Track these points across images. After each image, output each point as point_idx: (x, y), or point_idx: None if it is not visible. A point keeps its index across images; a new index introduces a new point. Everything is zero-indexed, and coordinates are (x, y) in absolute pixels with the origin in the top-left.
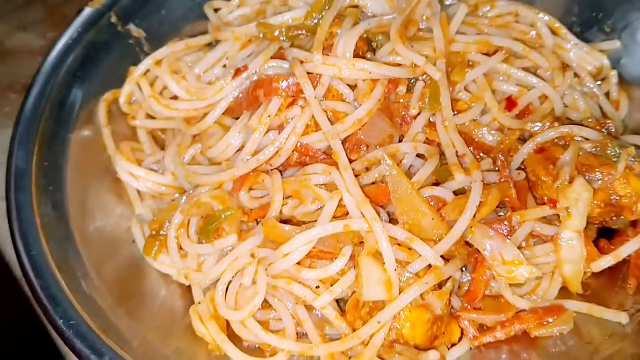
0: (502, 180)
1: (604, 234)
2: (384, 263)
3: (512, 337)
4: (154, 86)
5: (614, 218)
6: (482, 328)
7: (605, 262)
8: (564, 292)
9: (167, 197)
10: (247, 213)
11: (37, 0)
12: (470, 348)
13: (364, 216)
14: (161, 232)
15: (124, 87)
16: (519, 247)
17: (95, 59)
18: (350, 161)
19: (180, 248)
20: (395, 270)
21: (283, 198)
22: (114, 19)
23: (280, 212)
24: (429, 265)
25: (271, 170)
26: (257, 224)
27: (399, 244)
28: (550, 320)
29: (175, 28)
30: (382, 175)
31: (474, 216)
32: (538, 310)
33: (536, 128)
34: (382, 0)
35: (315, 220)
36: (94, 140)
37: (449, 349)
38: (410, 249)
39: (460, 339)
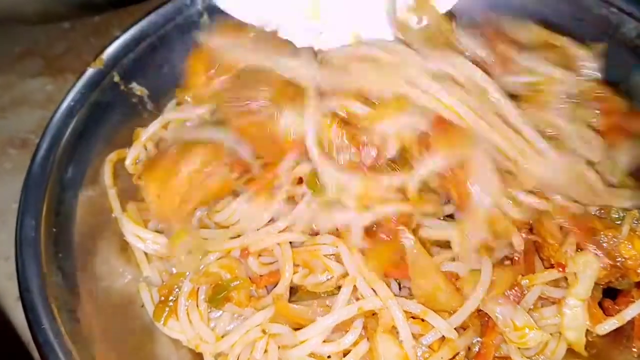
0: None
1: (608, 293)
2: (399, 338)
3: None
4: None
5: (619, 279)
6: None
7: (610, 325)
8: (571, 351)
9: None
10: (255, 281)
11: (35, 51)
12: None
13: (376, 293)
14: (170, 298)
15: (131, 150)
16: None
17: (99, 119)
18: None
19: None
20: (412, 347)
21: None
22: (116, 79)
23: (291, 281)
24: (443, 336)
25: None
26: (267, 292)
27: (412, 317)
28: None
29: (178, 84)
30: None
31: (489, 293)
32: None
33: None
34: None
35: (325, 293)
36: (100, 202)
37: None
38: (423, 320)
39: None
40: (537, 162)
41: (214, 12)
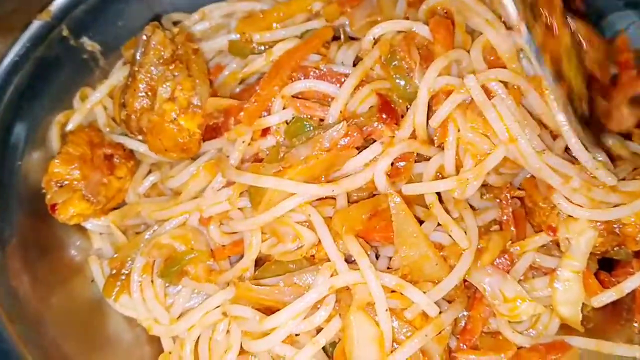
0: (504, 218)
1: (604, 266)
2: (374, 315)
3: None
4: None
5: (616, 248)
6: None
7: (607, 297)
8: (566, 325)
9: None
10: (216, 253)
11: None
12: None
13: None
14: (123, 272)
15: (74, 116)
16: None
17: (46, 76)
18: None
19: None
20: (389, 325)
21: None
22: (65, 33)
23: None
24: None
25: None
26: (230, 263)
27: (392, 291)
28: (554, 358)
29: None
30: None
31: (478, 263)
32: (540, 348)
33: None
34: None
35: (294, 261)
36: (45, 167)
37: None
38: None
39: None
40: None
41: None
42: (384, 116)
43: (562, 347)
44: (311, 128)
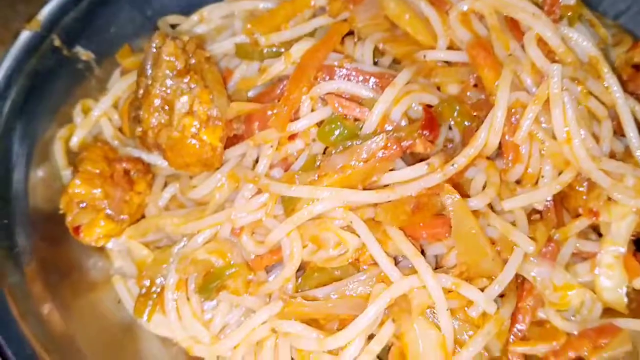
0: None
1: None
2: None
3: None
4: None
5: None
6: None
7: None
8: (609, 309)
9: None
10: (254, 265)
11: None
12: None
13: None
14: (153, 289)
15: (78, 130)
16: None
17: (41, 90)
18: None
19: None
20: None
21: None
22: (57, 43)
23: None
24: None
25: None
26: (267, 272)
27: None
28: (605, 342)
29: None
30: None
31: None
32: (589, 333)
33: None
34: None
35: (338, 269)
36: (53, 187)
37: None
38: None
39: None
40: None
41: None
42: (425, 133)
43: (612, 331)
44: (345, 131)
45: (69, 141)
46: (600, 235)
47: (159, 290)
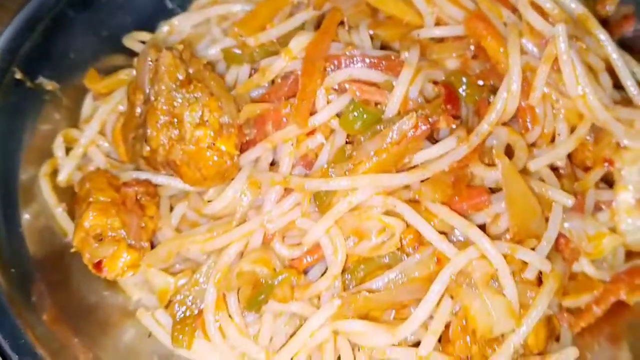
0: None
1: None
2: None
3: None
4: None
5: None
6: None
7: None
8: (631, 252)
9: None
10: (297, 269)
11: None
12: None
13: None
14: (187, 314)
15: (65, 165)
16: None
17: (10, 128)
18: None
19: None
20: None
21: None
22: (19, 75)
23: None
24: None
25: None
26: (305, 274)
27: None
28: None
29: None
30: None
31: None
32: (622, 277)
33: None
34: None
35: (386, 256)
36: (48, 227)
37: None
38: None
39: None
40: None
41: None
42: (449, 107)
43: None
44: (369, 117)
45: (53, 177)
46: (609, 184)
47: (196, 313)
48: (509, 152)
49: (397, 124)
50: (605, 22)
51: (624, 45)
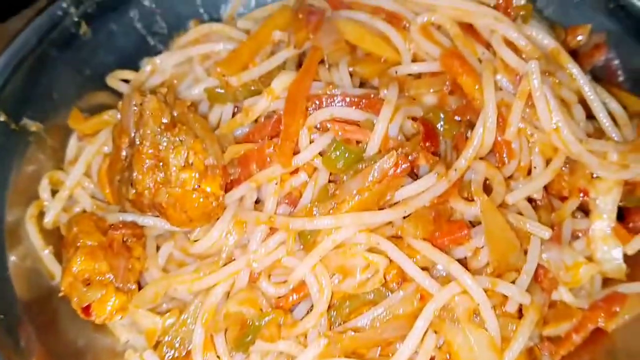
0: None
1: None
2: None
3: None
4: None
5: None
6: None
7: (638, 243)
8: (608, 279)
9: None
10: (283, 308)
11: None
12: None
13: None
14: (175, 355)
15: (51, 208)
16: None
17: None
18: None
19: None
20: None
21: None
22: (3, 117)
23: None
24: None
25: None
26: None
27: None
28: (618, 310)
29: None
30: None
31: None
32: (599, 304)
33: None
34: None
35: (371, 292)
36: (35, 271)
37: None
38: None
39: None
40: None
41: (92, 18)
42: (427, 144)
43: (619, 298)
44: (351, 156)
45: (40, 219)
46: (585, 212)
47: (184, 354)
48: (487, 185)
49: (378, 162)
50: (576, 53)
51: (596, 74)
